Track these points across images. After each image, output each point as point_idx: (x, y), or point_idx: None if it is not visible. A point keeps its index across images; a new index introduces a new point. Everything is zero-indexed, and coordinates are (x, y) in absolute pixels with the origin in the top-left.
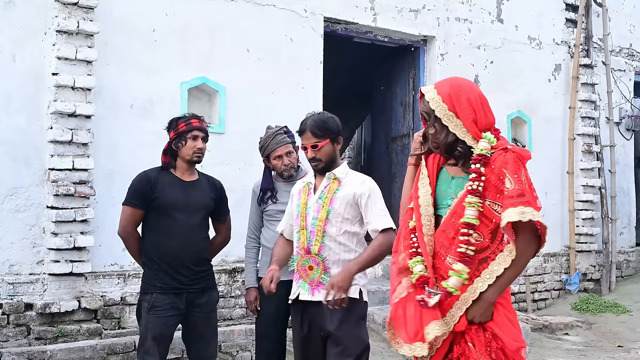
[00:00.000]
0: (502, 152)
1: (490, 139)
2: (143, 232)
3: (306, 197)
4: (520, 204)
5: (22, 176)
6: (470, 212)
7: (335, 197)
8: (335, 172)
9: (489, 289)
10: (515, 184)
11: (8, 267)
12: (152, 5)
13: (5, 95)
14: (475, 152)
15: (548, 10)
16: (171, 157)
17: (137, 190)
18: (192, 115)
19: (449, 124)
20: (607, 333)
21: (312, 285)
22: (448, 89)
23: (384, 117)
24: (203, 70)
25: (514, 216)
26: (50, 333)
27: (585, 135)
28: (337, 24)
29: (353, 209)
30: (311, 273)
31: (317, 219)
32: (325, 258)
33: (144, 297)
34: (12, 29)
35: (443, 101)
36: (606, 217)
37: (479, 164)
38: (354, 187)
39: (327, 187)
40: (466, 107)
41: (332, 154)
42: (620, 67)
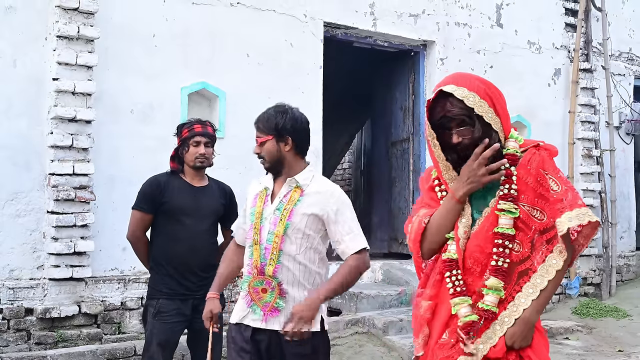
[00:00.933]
0: (535, 150)
1: (517, 138)
2: (151, 236)
3: (262, 205)
4: (577, 206)
5: (22, 181)
6: (505, 221)
7: (296, 210)
8: (298, 179)
9: (532, 304)
10: (563, 184)
11: (8, 272)
12: (153, 10)
13: (6, 100)
14: (505, 152)
15: (547, 14)
16: (178, 163)
17: (146, 194)
18: (196, 121)
19: (492, 122)
20: (607, 337)
21: (265, 311)
22: (479, 84)
23: (383, 121)
24: (203, 75)
25: (574, 220)
26: (50, 338)
27: (585, 140)
28: (337, 29)
29: (316, 224)
30: (264, 296)
31: (273, 234)
32: (281, 281)
33: (150, 302)
34: (13, 34)
35: (483, 98)
36: (606, 221)
37: (510, 164)
38: (319, 198)
39: (286, 196)
40: (503, 103)
41: (276, 155)
42: (619, 72)
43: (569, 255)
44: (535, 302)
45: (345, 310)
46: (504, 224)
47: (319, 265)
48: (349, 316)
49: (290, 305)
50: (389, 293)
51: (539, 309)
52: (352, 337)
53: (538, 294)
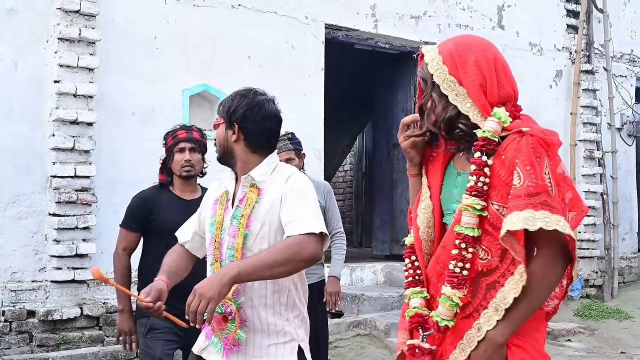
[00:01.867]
0: (516, 135)
1: (500, 117)
2: (141, 256)
3: (222, 213)
4: (529, 207)
5: (24, 183)
6: (467, 219)
7: (255, 214)
8: (253, 175)
9: (498, 325)
10: (526, 178)
11: (10, 275)
12: (154, 12)
13: (8, 102)
14: (478, 134)
15: (549, 16)
16: (167, 175)
17: (133, 212)
18: (180, 127)
19: (448, 93)
20: (609, 339)
21: (226, 345)
22: (453, 47)
23: (385, 123)
24: (204, 77)
25: (517, 223)
26: (52, 340)
27: (587, 141)
28: (338, 31)
29: (281, 228)
30: (226, 326)
31: (233, 249)
32: (240, 305)
33: (140, 322)
34: (14, 36)
35: (443, 62)
36: (608, 223)
37: (483, 151)
38: (275, 193)
39: (243, 200)
40: (473, 70)
41: (223, 143)
42: (621, 73)
43: (554, 266)
44: (502, 322)
45: (347, 312)
46: (465, 222)
47: (295, 281)
48: (351, 318)
49: (266, 331)
50: (391, 295)
51: (510, 327)
52: (353, 339)
53: (503, 313)
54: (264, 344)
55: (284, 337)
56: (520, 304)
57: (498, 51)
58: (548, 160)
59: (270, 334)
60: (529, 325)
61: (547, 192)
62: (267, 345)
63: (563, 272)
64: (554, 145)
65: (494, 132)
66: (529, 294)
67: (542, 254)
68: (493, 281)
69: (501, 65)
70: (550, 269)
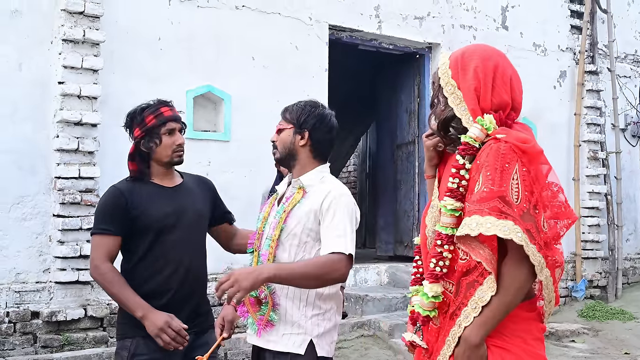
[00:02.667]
0: (492, 142)
1: (484, 123)
2: (124, 266)
3: (270, 209)
4: (477, 212)
5: (28, 185)
6: (445, 220)
7: (294, 212)
8: (303, 180)
9: (473, 323)
10: (483, 184)
11: (14, 276)
12: (158, 13)
13: (12, 104)
14: (462, 139)
15: (553, 17)
16: (141, 163)
17: (107, 211)
18: (159, 102)
19: (448, 96)
20: (613, 340)
21: (260, 325)
22: (460, 54)
23: (389, 124)
24: (208, 79)
25: (461, 229)
26: (56, 341)
27: (591, 142)
28: (342, 32)
29: (314, 231)
30: (259, 309)
31: (270, 239)
32: (274, 291)
33: (122, 345)
34: (19, 38)
35: (449, 67)
36: (612, 224)
37: (464, 155)
38: (317, 199)
39: (289, 198)
40: (471, 75)
41: (289, 146)
42: (625, 74)
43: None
44: (477, 319)
45: (350, 313)
46: (443, 222)
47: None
48: (355, 319)
49: (284, 320)
50: (395, 296)
51: (483, 325)
52: (357, 340)
53: (480, 310)
54: (279, 332)
55: (297, 329)
56: (493, 301)
57: (505, 60)
58: (520, 166)
59: (287, 324)
60: (516, 326)
61: (501, 197)
62: (282, 334)
63: (529, 275)
64: (531, 154)
65: (476, 138)
66: (500, 293)
67: (509, 257)
68: (472, 280)
69: (501, 74)
70: (516, 270)
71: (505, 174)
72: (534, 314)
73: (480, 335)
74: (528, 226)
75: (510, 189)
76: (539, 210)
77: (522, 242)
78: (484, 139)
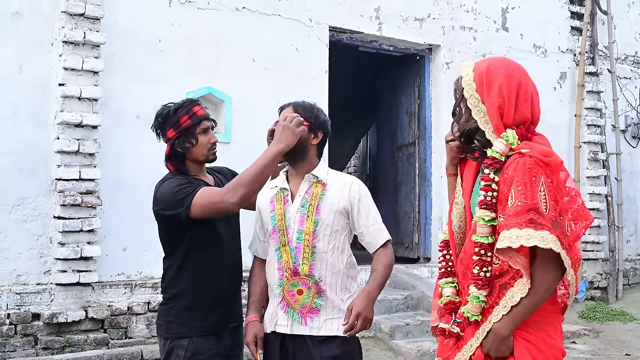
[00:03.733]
0: (517, 156)
1: (508, 138)
2: (176, 258)
3: (283, 206)
4: (515, 226)
5: (29, 186)
6: (480, 230)
7: (322, 205)
8: (317, 174)
9: (502, 319)
10: (516, 198)
11: (15, 277)
12: (158, 15)
13: (12, 106)
14: (488, 153)
15: (553, 18)
16: (178, 163)
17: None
18: (190, 102)
19: (472, 108)
20: (614, 341)
21: (303, 313)
22: (485, 68)
23: (389, 125)
24: (209, 80)
25: (503, 242)
26: (57, 343)
27: (591, 143)
28: (342, 33)
29: (342, 219)
30: (301, 298)
31: (302, 232)
32: (318, 279)
33: (178, 344)
34: (19, 40)
35: (474, 80)
36: (613, 225)
37: (491, 169)
38: (341, 191)
39: (308, 192)
40: (496, 92)
41: (304, 142)
42: (625, 75)
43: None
44: (506, 316)
45: None
46: (480, 232)
47: (347, 267)
48: None
49: (327, 304)
50: (395, 297)
51: (513, 321)
52: None
53: (509, 309)
54: (322, 318)
55: (338, 313)
56: (523, 301)
57: (526, 77)
58: (545, 178)
59: (327, 309)
60: (541, 319)
61: (535, 210)
62: (324, 320)
63: (559, 275)
64: (553, 166)
65: (501, 152)
66: (530, 294)
67: (539, 263)
68: (505, 282)
69: (524, 92)
70: (546, 274)
71: (534, 187)
72: (555, 306)
73: (509, 329)
74: (557, 233)
75: (540, 201)
76: (563, 217)
77: (559, 250)
78: (509, 152)
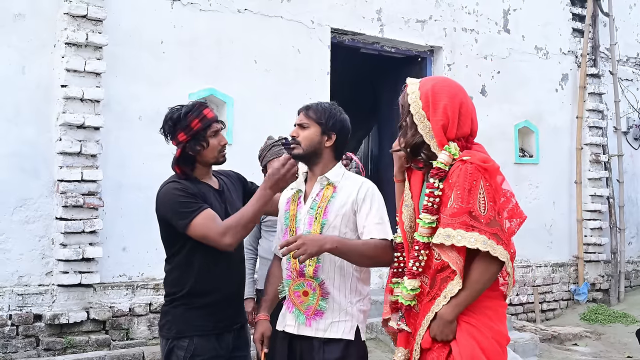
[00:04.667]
0: (460, 163)
1: (451, 150)
2: (178, 261)
3: (296, 208)
4: (449, 226)
5: (31, 187)
6: (422, 230)
7: (330, 207)
8: (329, 176)
9: (445, 307)
10: (455, 201)
11: (17, 278)
12: (160, 17)
13: (15, 107)
14: (434, 164)
15: (555, 20)
16: (186, 165)
17: (187, 195)
18: (199, 105)
19: (418, 124)
20: (616, 344)
21: (308, 315)
22: (430, 88)
23: (390, 127)
24: (211, 82)
25: (436, 238)
26: (59, 344)
27: (593, 145)
28: (344, 35)
29: (351, 221)
30: (306, 300)
31: (309, 234)
32: (322, 281)
33: (178, 344)
34: (22, 41)
35: (420, 98)
36: (614, 227)
37: (436, 178)
38: (350, 193)
39: (319, 195)
40: (440, 112)
41: (316, 145)
42: (627, 77)
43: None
44: (447, 305)
45: None
46: (420, 232)
47: (357, 269)
48: None
49: (329, 308)
50: None
51: (454, 308)
52: None
53: (448, 300)
54: (327, 320)
55: (345, 316)
56: (462, 292)
57: (466, 96)
58: (484, 182)
59: (334, 312)
60: (482, 304)
61: (469, 213)
62: (330, 322)
63: (497, 268)
64: (491, 170)
65: (445, 163)
66: (469, 286)
67: (478, 258)
68: (445, 276)
69: (465, 110)
70: (484, 269)
71: (473, 191)
72: (497, 292)
73: (453, 315)
74: (495, 230)
75: (478, 203)
76: (501, 215)
77: (488, 248)
78: (451, 162)
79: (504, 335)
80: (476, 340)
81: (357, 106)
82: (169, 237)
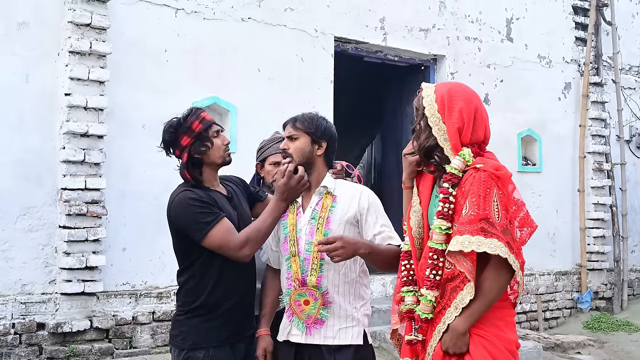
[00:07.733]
0: (473, 171)
1: (465, 156)
2: (192, 272)
3: (295, 217)
4: (467, 232)
5: (34, 196)
6: (436, 237)
7: (332, 217)
8: (327, 185)
9: (457, 319)
10: (471, 208)
11: (20, 287)
12: (164, 25)
13: (19, 115)
14: (447, 169)
15: (558, 28)
16: (194, 170)
17: (203, 205)
18: (195, 109)
19: (432, 126)
20: (619, 352)
21: (308, 324)
22: (446, 91)
23: (394, 135)
24: (214, 90)
25: (455, 245)
26: (62, 353)
27: (596, 153)
28: (347, 44)
29: (353, 229)
30: (307, 309)
31: (311, 244)
32: (325, 291)
33: (193, 356)
34: (26, 50)
35: (435, 101)
36: (617, 235)
37: (449, 183)
38: (351, 201)
39: (319, 204)
40: (456, 116)
41: (308, 155)
42: (630, 85)
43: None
44: (460, 317)
45: None
46: (435, 239)
47: (360, 275)
48: None
49: (335, 315)
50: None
51: (467, 320)
52: None
53: (460, 310)
54: (335, 327)
55: (352, 322)
56: (475, 303)
57: (480, 102)
58: (497, 190)
59: (341, 318)
60: (492, 315)
61: (486, 219)
62: (337, 329)
63: (509, 277)
64: (504, 178)
65: (458, 169)
66: (481, 296)
67: (490, 267)
68: (455, 285)
69: (480, 116)
70: (496, 278)
71: (488, 199)
72: (506, 302)
73: (465, 327)
74: (507, 239)
75: (492, 211)
76: (513, 224)
77: (506, 255)
78: (465, 168)
79: (514, 342)
80: (489, 352)
81: (361, 114)
82: (184, 247)
